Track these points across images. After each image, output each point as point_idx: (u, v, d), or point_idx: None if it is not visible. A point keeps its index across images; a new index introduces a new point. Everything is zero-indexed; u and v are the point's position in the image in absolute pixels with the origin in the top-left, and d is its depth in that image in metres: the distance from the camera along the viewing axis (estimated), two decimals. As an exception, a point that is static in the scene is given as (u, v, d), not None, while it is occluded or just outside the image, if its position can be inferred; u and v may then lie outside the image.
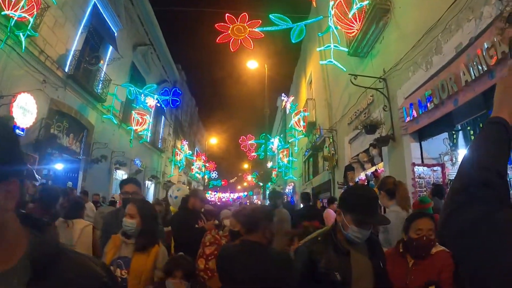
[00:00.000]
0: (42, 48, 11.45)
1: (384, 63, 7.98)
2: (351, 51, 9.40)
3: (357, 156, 9.64)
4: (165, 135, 28.08)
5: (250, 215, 2.82)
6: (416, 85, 6.50)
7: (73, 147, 14.37)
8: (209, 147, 50.02)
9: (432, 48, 6.06)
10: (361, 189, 2.51)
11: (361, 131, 9.08)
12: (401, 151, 6.89)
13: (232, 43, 9.13)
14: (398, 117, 6.99)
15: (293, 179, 22.04)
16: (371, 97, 8.64)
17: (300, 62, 22.16)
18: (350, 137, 10.37)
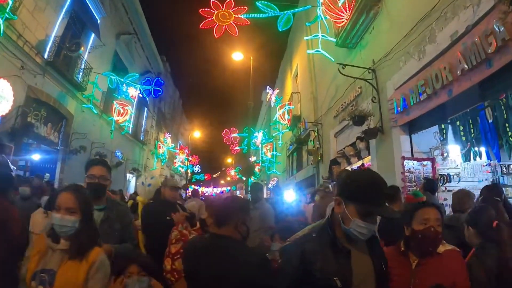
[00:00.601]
0: (20, 33, 10.96)
1: (374, 54, 7.77)
2: (340, 42, 9.16)
3: (342, 150, 9.41)
4: (147, 127, 27.56)
5: (222, 205, 2.50)
6: (407, 75, 6.29)
7: (51, 137, 13.86)
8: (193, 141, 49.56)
9: (426, 37, 5.85)
10: (368, 172, 1.96)
11: (348, 123, 8.88)
12: (390, 144, 6.69)
13: (216, 29, 8.81)
14: (388, 109, 6.79)
15: (277, 174, 21.82)
16: (359, 89, 8.42)
17: (286, 56, 21.91)
18: (336, 131, 10.15)
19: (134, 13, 21.40)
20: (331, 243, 1.84)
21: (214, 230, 2.39)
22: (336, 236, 1.86)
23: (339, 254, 1.81)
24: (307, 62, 14.10)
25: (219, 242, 2.28)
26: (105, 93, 18.00)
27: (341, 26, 8.87)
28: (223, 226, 2.33)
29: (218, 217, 2.39)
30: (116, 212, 3.27)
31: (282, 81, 22.89)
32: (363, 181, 1.79)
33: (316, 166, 11.80)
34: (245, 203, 2.69)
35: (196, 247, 2.40)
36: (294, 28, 18.48)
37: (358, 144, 7.96)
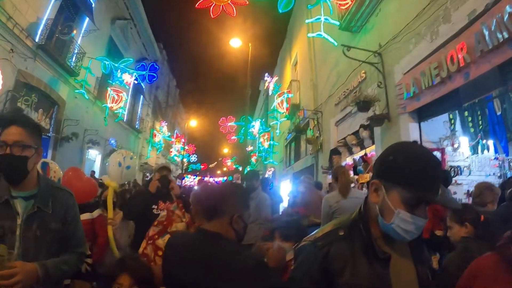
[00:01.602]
0: (10, 14, 10.52)
1: (380, 38, 7.37)
2: (343, 25, 8.74)
3: (344, 139, 9.02)
4: (143, 115, 27.13)
5: (215, 192, 1.96)
6: (418, 58, 5.88)
7: (42, 123, 13.40)
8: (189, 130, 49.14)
9: (439, 17, 5.45)
10: (418, 146, 1.42)
11: (351, 111, 8.51)
12: (397, 132, 6.29)
13: (213, 9, 8.37)
14: (395, 95, 6.39)
15: (274, 164, 21.44)
16: (363, 74, 8.02)
17: (286, 45, 21.45)
18: (337, 119, 9.74)
19: (130, -3, 20.76)
20: (365, 246, 1.34)
21: (203, 224, 1.87)
22: (371, 236, 1.36)
23: (376, 260, 1.31)
24: (307, 49, 13.68)
25: (207, 241, 1.75)
26: (99, 79, 17.59)
27: (345, 8, 8.46)
28: (214, 219, 1.82)
29: (208, 207, 1.86)
30: (54, 201, 2.08)
31: (281, 69, 22.45)
32: (412, 157, 1.29)
33: (315, 155, 11.42)
34: (244, 191, 2.15)
35: (177, 246, 1.87)
36: (294, 16, 18.08)
37: (361, 132, 7.56)
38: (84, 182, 4.36)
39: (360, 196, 4.77)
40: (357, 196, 4.59)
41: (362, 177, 7.60)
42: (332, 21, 8.83)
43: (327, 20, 8.76)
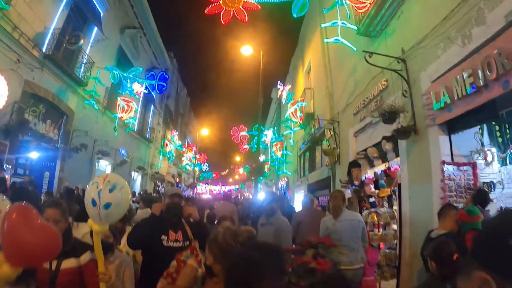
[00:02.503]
0: (16, 24, 10.34)
1: (403, 43, 6.83)
2: (362, 30, 8.21)
3: (364, 151, 8.43)
4: (154, 125, 26.97)
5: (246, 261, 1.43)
6: (448, 64, 5.33)
7: (50, 134, 13.27)
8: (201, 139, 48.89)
9: (471, 18, 4.91)
10: None
11: (371, 121, 7.95)
12: (426, 146, 5.73)
13: (223, 14, 7.95)
14: (422, 105, 5.83)
15: (287, 174, 20.88)
16: (384, 82, 7.46)
17: (298, 51, 20.97)
18: (356, 130, 9.17)
19: (139, 7, 20.65)
20: None
21: None
22: None
23: None
24: (321, 56, 13.17)
25: None
26: (109, 89, 17.36)
27: (363, 12, 7.95)
28: None
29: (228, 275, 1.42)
30: None
31: (293, 77, 21.94)
32: None
33: (332, 167, 10.87)
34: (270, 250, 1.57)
35: None
36: (306, 22, 17.63)
37: (384, 145, 7.00)
38: (36, 232, 2.21)
39: (354, 218, 5.07)
40: (351, 219, 4.98)
41: (383, 191, 7.09)
42: (350, 26, 8.33)
43: (344, 25, 8.27)
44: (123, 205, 2.71)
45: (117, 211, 2.67)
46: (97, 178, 2.70)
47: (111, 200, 2.56)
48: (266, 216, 5.07)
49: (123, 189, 2.68)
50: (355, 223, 4.99)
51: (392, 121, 6.05)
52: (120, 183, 2.70)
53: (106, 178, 2.69)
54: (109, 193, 2.58)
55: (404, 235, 6.15)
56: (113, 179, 2.69)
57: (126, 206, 2.82)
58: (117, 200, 2.61)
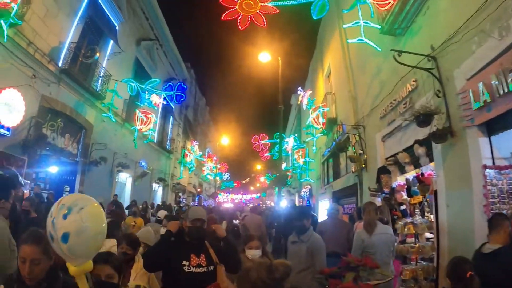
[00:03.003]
0: (31, 40, 10.24)
1: (432, 39, 6.37)
2: (385, 28, 7.78)
3: (393, 156, 7.92)
4: (173, 136, 26.89)
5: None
6: (484, 60, 4.86)
7: (69, 148, 13.16)
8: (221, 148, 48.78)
9: (508, 8, 4.45)
10: None
11: (400, 124, 7.48)
12: (464, 149, 5.24)
13: (241, 20, 7.66)
14: (458, 104, 5.35)
15: (310, 181, 20.37)
16: (414, 82, 6.99)
17: (316, 55, 20.58)
18: (384, 134, 8.66)
19: (154, 19, 20.61)
20: None
21: None
22: None
23: None
24: (342, 58, 12.74)
25: None
26: (127, 101, 17.29)
27: (386, 9, 7.53)
28: None
29: None
30: None
31: (313, 82, 21.52)
32: None
33: (359, 174, 10.37)
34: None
35: None
36: (324, 25, 17.28)
37: (416, 149, 6.49)
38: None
39: (387, 232, 5.06)
40: (386, 232, 4.99)
41: (414, 198, 6.62)
42: (373, 25, 7.90)
43: (367, 24, 7.84)
44: (89, 231, 2.01)
45: (83, 242, 1.98)
46: (60, 201, 2.09)
47: (68, 229, 1.93)
48: (297, 233, 4.67)
49: (83, 210, 2.00)
50: (388, 237, 4.96)
51: (427, 123, 5.58)
52: (79, 203, 2.04)
53: (60, 201, 2.06)
54: (64, 220, 1.95)
55: (442, 245, 5.68)
56: (68, 201, 2.05)
57: (98, 232, 2.10)
58: (77, 227, 1.95)
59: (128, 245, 3.50)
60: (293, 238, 4.78)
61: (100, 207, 2.19)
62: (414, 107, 6.69)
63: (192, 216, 3.30)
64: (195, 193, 35.88)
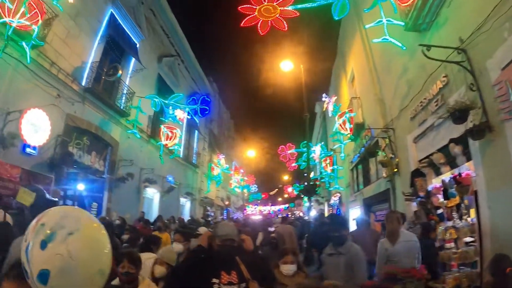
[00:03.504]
0: (53, 61, 10.43)
1: (459, 31, 6.02)
2: (409, 24, 7.45)
3: (428, 157, 7.52)
4: (199, 150, 26.96)
5: None
6: (519, 45, 4.51)
7: (96, 165, 13.26)
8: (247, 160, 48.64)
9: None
10: None
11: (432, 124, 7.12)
12: (504, 144, 4.82)
13: (261, 25, 7.54)
14: (494, 97, 4.98)
15: (339, 189, 19.88)
16: (444, 78, 6.63)
17: (338, 61, 20.27)
18: (415, 135, 8.24)
19: (174, 35, 20.82)
20: None
21: None
22: None
23: None
24: (365, 61, 12.42)
25: None
26: (151, 117, 17.49)
27: (408, 4, 7.23)
28: None
29: None
30: None
31: (336, 88, 21.16)
32: None
33: (391, 179, 9.96)
34: None
35: None
36: (344, 29, 17.04)
37: (452, 148, 6.11)
38: None
39: (411, 239, 4.86)
40: (409, 240, 4.79)
41: (451, 201, 6.21)
42: (396, 22, 7.60)
43: (390, 22, 7.55)
44: (80, 271, 1.38)
45: (70, 285, 1.36)
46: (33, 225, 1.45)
47: (47, 265, 1.33)
48: (334, 245, 4.36)
49: (73, 236, 1.39)
50: (412, 244, 4.78)
51: (463, 120, 5.21)
52: (67, 224, 1.42)
53: (39, 220, 1.45)
54: (41, 251, 1.35)
55: (485, 249, 5.25)
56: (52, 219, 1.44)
57: (95, 271, 1.44)
58: (61, 264, 1.33)
59: (130, 263, 3.19)
60: (329, 250, 4.44)
61: (101, 231, 1.57)
62: (446, 104, 6.33)
63: (222, 234, 3.01)
64: (223, 207, 35.78)
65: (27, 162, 9.31)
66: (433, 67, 6.91)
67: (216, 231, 3.00)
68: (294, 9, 7.52)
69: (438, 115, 6.63)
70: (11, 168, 8.63)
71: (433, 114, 7.10)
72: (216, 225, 3.03)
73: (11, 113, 8.71)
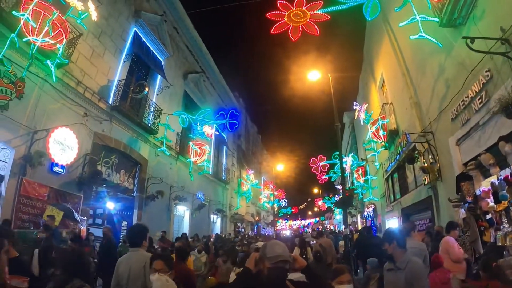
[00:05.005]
0: (79, 79, 10.45)
1: (499, 21, 5.61)
2: (444, 20, 7.03)
3: (473, 159, 6.98)
4: (228, 166, 26.79)
5: None
6: None
7: (125, 183, 13.16)
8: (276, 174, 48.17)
9: None
10: None
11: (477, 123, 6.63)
12: None
13: (292, 31, 7.29)
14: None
15: (374, 200, 19.16)
16: (487, 73, 6.17)
17: (365, 68, 19.83)
18: (458, 137, 7.71)
19: (198, 52, 20.84)
20: None
21: None
22: None
23: None
24: (396, 65, 11.95)
25: None
26: (179, 134, 17.39)
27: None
28: None
29: None
30: None
31: (365, 96, 20.60)
32: None
33: (434, 185, 9.40)
34: None
35: None
36: (370, 35, 16.63)
37: (501, 147, 5.59)
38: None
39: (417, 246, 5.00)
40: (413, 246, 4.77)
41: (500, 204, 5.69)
42: (431, 19, 7.21)
43: (424, 18, 7.16)
44: None
45: None
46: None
47: None
48: (390, 260, 3.85)
49: None
50: (416, 250, 4.84)
51: (519, 113, 4.77)
52: None
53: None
54: None
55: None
56: None
57: None
58: None
59: None
60: (389, 265, 3.90)
61: None
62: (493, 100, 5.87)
63: (273, 256, 2.37)
64: (253, 222, 35.39)
65: (55, 181, 9.24)
66: (473, 63, 6.51)
67: (265, 252, 2.45)
68: (324, 12, 7.26)
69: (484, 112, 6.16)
70: (39, 187, 8.56)
71: (477, 112, 6.63)
72: (265, 245, 2.40)
73: (38, 132, 8.68)
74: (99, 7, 10.29)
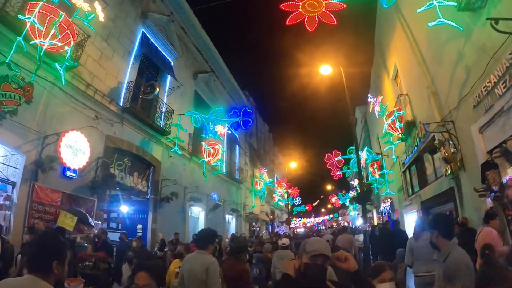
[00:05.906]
0: (89, 82, 10.39)
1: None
2: (463, 3, 6.76)
3: (499, 146, 6.67)
4: (241, 165, 26.73)
5: None
6: None
7: (139, 186, 13.10)
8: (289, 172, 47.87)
9: None
10: None
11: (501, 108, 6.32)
12: None
13: (307, 21, 7.09)
14: None
15: (391, 194, 18.71)
16: (510, 55, 5.86)
17: (377, 60, 19.38)
18: (481, 124, 7.36)
19: (207, 51, 20.74)
20: None
21: None
22: None
23: None
24: (411, 54, 11.57)
25: None
26: (192, 134, 17.34)
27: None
28: None
29: None
30: None
31: (378, 89, 20.16)
32: None
33: (456, 176, 9.07)
34: None
35: None
36: (381, 26, 16.29)
37: (531, 131, 5.37)
38: None
39: None
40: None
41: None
42: (448, 3, 6.94)
43: (441, 4, 6.91)
44: None
45: None
46: None
47: None
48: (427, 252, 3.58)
49: None
50: None
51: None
52: None
53: None
54: None
55: None
56: None
57: None
58: None
59: None
60: (436, 255, 3.48)
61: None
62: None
63: (311, 248, 2.22)
64: (267, 221, 35.21)
65: (67, 185, 9.17)
66: (495, 47, 6.22)
67: (304, 247, 2.24)
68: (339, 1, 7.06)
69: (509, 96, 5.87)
70: (52, 192, 8.48)
71: (501, 97, 6.34)
72: (306, 241, 2.15)
73: (49, 137, 8.62)
74: (106, 8, 10.14)
